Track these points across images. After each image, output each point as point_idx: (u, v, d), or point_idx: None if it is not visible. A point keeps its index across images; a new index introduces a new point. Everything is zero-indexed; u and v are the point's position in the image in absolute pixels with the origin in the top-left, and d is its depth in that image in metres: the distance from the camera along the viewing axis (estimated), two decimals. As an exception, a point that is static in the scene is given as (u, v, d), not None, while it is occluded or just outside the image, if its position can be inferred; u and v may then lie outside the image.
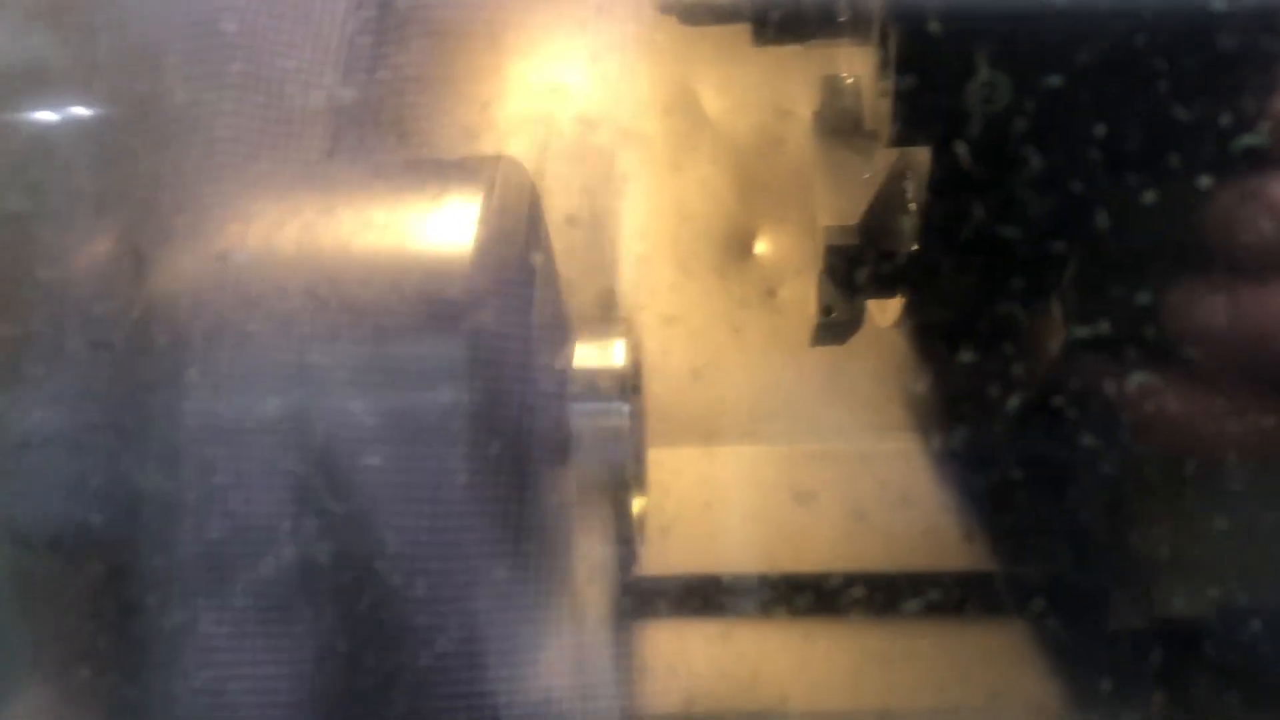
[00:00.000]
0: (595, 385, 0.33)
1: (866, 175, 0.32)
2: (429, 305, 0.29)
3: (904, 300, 0.33)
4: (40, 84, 0.38)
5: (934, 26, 0.25)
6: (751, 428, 0.41)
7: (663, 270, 0.43)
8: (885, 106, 0.27)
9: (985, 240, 0.28)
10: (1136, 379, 0.29)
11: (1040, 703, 0.36)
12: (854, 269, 0.31)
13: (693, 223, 0.44)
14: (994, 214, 0.27)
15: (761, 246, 0.45)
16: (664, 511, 0.39)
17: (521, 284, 0.31)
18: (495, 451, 0.29)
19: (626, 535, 0.35)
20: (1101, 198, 0.26)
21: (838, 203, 0.32)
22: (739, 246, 0.44)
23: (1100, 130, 0.25)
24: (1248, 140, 0.25)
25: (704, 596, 0.37)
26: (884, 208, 0.31)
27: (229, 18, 0.39)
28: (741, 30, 0.37)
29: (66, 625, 0.34)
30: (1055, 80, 0.25)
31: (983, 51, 0.25)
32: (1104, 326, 0.29)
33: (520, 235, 0.31)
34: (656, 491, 0.39)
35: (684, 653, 0.38)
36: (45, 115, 0.39)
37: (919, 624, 0.37)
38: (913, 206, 0.30)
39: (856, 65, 0.37)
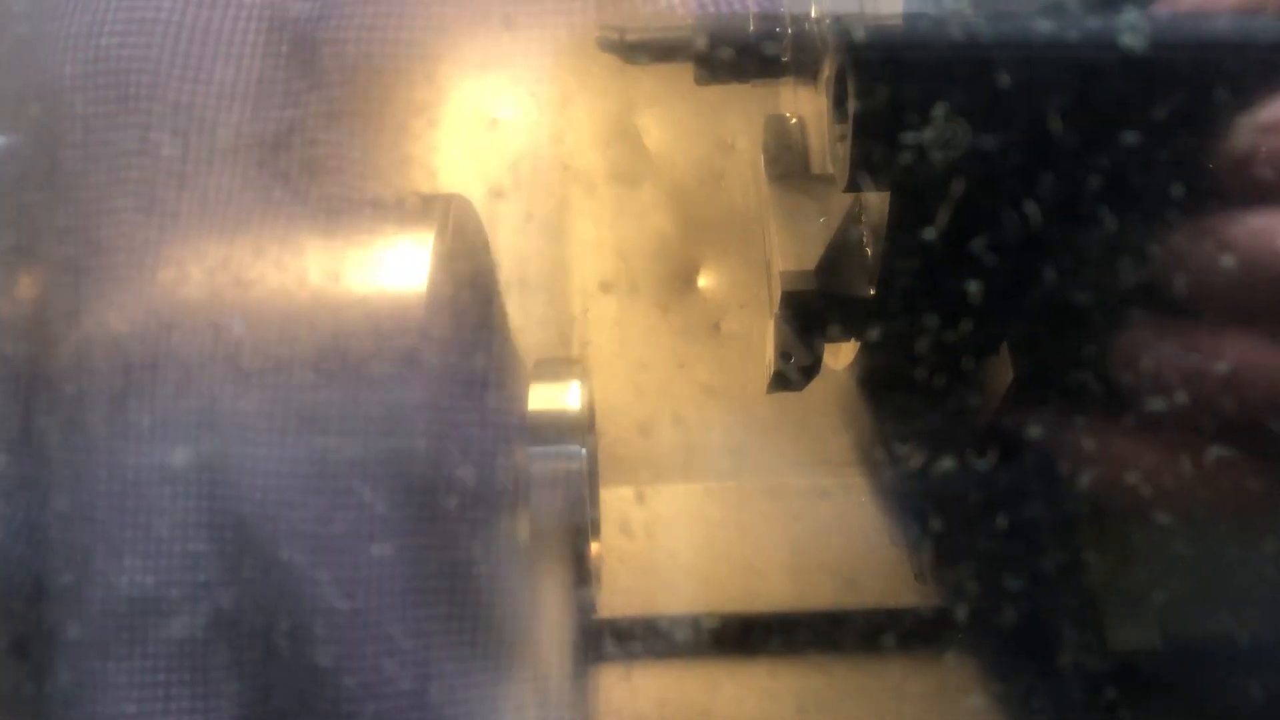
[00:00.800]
0: (551, 428, 0.33)
1: (821, 219, 0.32)
2: (379, 350, 0.28)
3: (859, 344, 0.33)
4: None
5: (891, 73, 0.25)
6: (697, 464, 0.41)
7: (607, 305, 0.43)
8: (841, 150, 0.27)
9: (942, 285, 0.28)
10: (1083, 421, 0.30)
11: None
12: (811, 314, 0.31)
13: (636, 258, 0.44)
14: (952, 258, 0.27)
15: (705, 280, 0.45)
16: (610, 552, 0.38)
17: (473, 326, 0.31)
18: (446, 497, 0.28)
19: (583, 578, 0.34)
20: (1056, 243, 0.27)
21: (792, 246, 0.31)
22: (682, 280, 0.44)
23: (1053, 175, 0.26)
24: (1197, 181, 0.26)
25: (651, 637, 0.37)
26: (840, 252, 0.31)
27: (133, 52, 0.38)
28: (683, 68, 0.37)
29: None
30: (1014, 126, 0.25)
31: (941, 98, 0.25)
32: (1051, 370, 0.30)
33: (470, 276, 0.31)
34: (611, 531, 0.39)
35: (633, 694, 0.37)
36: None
37: (867, 661, 0.37)
38: (869, 251, 0.30)
39: (802, 105, 0.37)
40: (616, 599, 0.38)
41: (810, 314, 0.31)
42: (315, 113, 0.41)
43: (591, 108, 0.45)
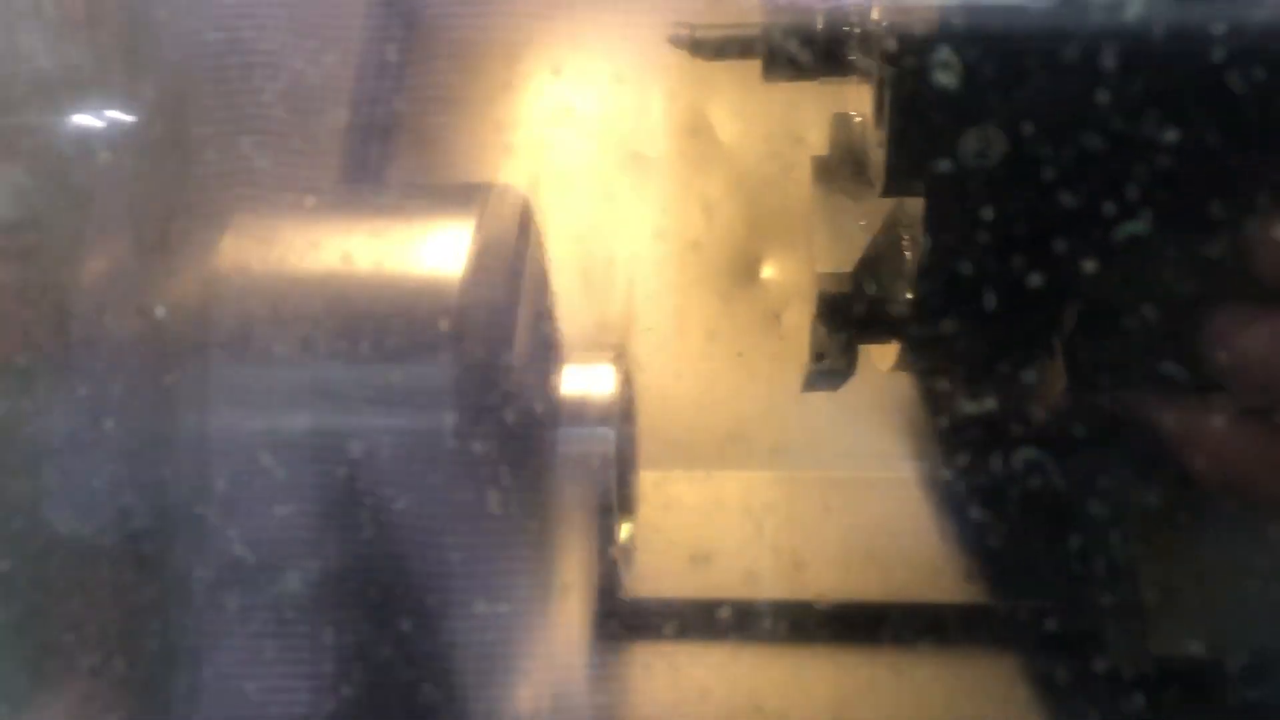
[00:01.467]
0: (582, 411, 0.34)
1: (863, 222, 0.32)
2: (417, 329, 0.29)
3: (900, 346, 0.33)
4: (75, 92, 0.39)
5: (930, 79, 0.25)
6: (751, 452, 0.41)
7: (669, 293, 0.43)
8: (879, 156, 0.27)
9: (980, 290, 0.28)
10: (1138, 422, 0.30)
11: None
12: (847, 316, 0.31)
13: (701, 247, 0.45)
14: (989, 265, 0.27)
15: (768, 271, 0.45)
16: (662, 535, 0.39)
17: (509, 309, 0.31)
18: (481, 472, 0.29)
19: (610, 557, 0.35)
20: (1100, 247, 0.27)
21: (834, 248, 0.32)
22: (746, 271, 0.45)
23: (1094, 178, 0.26)
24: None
25: (695, 621, 0.37)
26: (880, 255, 0.31)
27: (254, 32, 0.39)
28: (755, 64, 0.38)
29: (98, 625, 0.34)
30: (1051, 130, 0.25)
31: (978, 105, 0.25)
32: (1105, 374, 0.30)
33: (508, 262, 0.32)
34: (658, 514, 0.40)
35: (675, 676, 0.38)
36: (81, 122, 0.39)
37: (911, 654, 0.37)
38: (909, 255, 0.30)
39: (865, 105, 0.37)
40: (663, 582, 0.39)
41: (846, 316, 0.31)
42: (424, 96, 0.43)
43: (666, 98, 0.46)
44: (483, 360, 0.30)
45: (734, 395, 0.42)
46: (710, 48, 0.38)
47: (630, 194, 0.44)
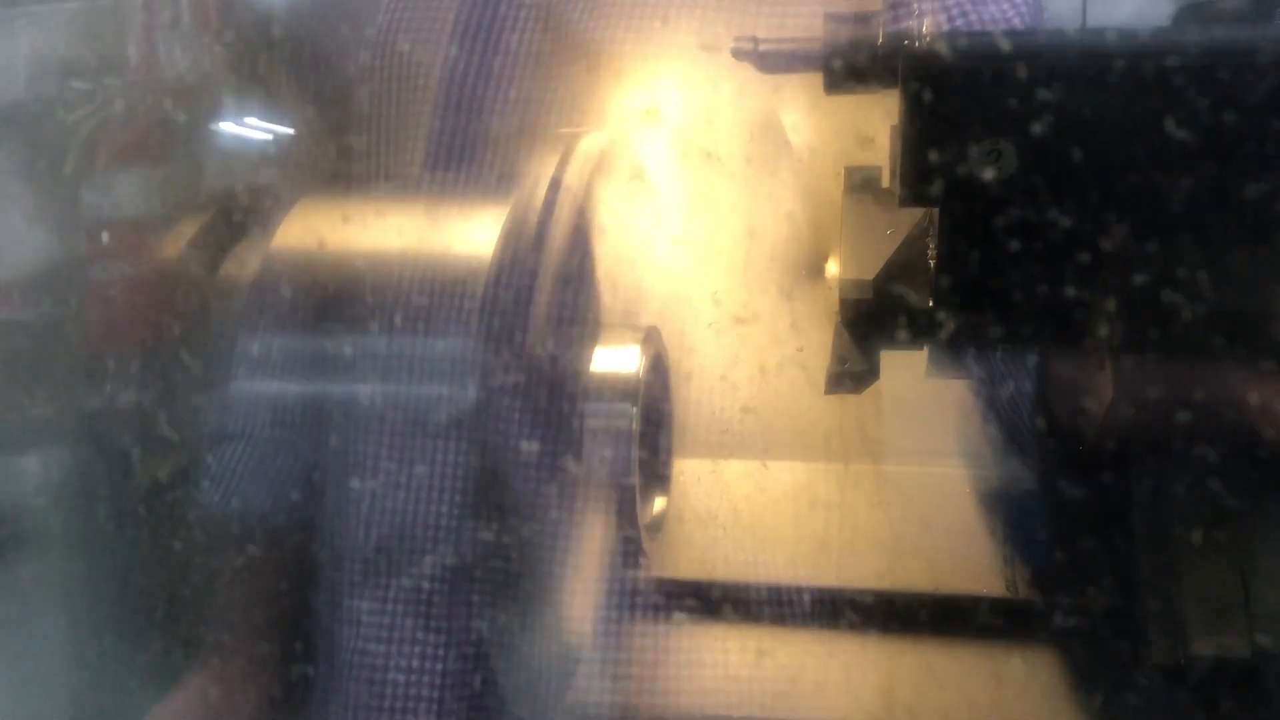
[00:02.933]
0: (607, 388, 0.35)
1: (890, 231, 0.32)
2: (447, 305, 0.31)
3: (928, 353, 0.33)
4: (210, 98, 0.42)
5: (936, 94, 0.26)
6: (806, 444, 0.42)
7: (734, 288, 0.44)
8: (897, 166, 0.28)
9: (996, 298, 0.28)
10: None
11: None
12: (868, 323, 0.32)
13: (766, 243, 0.46)
14: (1005, 273, 0.28)
15: (832, 269, 0.46)
16: (715, 519, 0.40)
17: (541, 292, 0.33)
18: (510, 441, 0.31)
19: (631, 532, 0.36)
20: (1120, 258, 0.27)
21: (859, 255, 0.32)
22: (810, 268, 0.46)
23: (1112, 189, 0.26)
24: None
25: (747, 602, 0.38)
26: (901, 264, 0.31)
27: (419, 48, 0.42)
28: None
29: (250, 605, 0.37)
30: (1061, 145, 0.26)
31: (987, 118, 0.26)
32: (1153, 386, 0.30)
33: (542, 248, 0.33)
34: (712, 500, 0.41)
35: (725, 654, 0.39)
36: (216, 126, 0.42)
37: (952, 645, 0.38)
38: (932, 264, 0.31)
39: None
40: (718, 565, 0.40)
41: (867, 322, 0.32)
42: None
43: (739, 99, 0.47)
44: (506, 337, 0.31)
45: (793, 389, 0.43)
46: (773, 61, 0.39)
47: (699, 191, 0.45)
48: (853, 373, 0.33)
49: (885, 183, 0.36)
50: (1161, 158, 0.26)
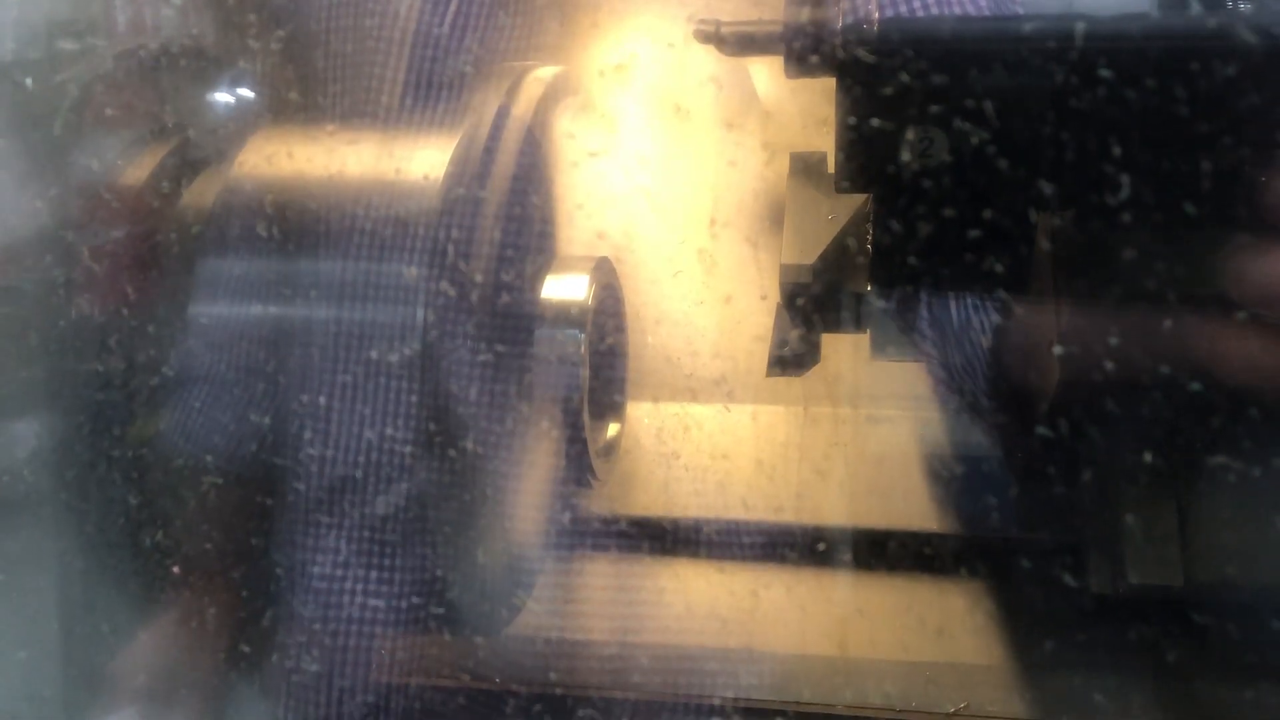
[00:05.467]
0: (558, 314, 0.36)
1: (831, 216, 0.33)
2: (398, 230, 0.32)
3: (870, 337, 0.34)
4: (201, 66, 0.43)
5: (868, 81, 0.27)
6: (767, 388, 0.43)
7: (699, 235, 0.45)
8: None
9: (931, 284, 0.29)
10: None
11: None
12: (809, 307, 0.32)
13: (734, 195, 0.47)
14: (935, 258, 0.29)
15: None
16: (678, 459, 0.42)
17: (486, 219, 0.34)
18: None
19: (579, 454, 0.37)
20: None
21: (800, 240, 0.33)
22: (774, 220, 0.47)
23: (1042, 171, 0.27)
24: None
25: (700, 538, 0.40)
26: (842, 250, 0.32)
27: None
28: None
29: (214, 542, 0.38)
30: (994, 128, 0.27)
31: (918, 105, 0.27)
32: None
33: (488, 176, 0.34)
34: (675, 441, 0.42)
35: (681, 588, 0.40)
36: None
37: (894, 580, 0.39)
38: (869, 250, 0.31)
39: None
40: (680, 502, 0.41)
41: (807, 306, 0.32)
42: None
43: (711, 54, 0.48)
44: (453, 264, 0.32)
45: (758, 334, 0.44)
46: (734, 43, 0.39)
47: (668, 141, 0.47)
48: (794, 355, 0.34)
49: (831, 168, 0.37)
50: (1088, 138, 0.27)
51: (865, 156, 0.28)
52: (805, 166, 0.36)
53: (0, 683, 0.41)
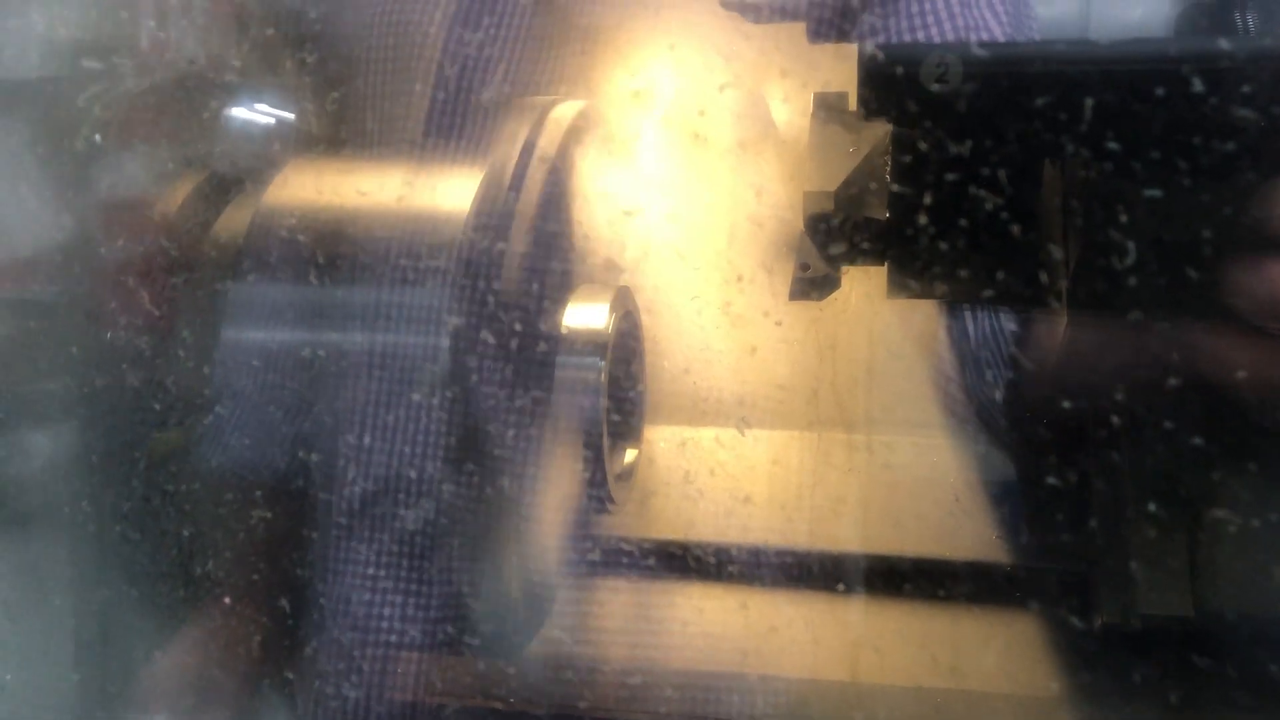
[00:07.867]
0: (579, 343, 0.37)
1: (852, 149, 0.34)
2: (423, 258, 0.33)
3: (888, 270, 0.35)
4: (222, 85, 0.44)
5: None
6: (782, 413, 0.44)
7: (716, 258, 0.46)
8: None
9: (948, 212, 0.30)
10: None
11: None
12: (830, 232, 0.33)
13: (750, 219, 0.47)
14: (953, 188, 0.29)
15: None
16: (692, 483, 0.42)
17: (514, 248, 0.35)
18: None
19: (599, 479, 0.38)
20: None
21: (822, 170, 0.34)
22: (791, 245, 0.47)
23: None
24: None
25: (715, 561, 0.40)
26: (862, 178, 0.33)
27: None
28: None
29: (244, 560, 0.39)
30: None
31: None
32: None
33: (514, 208, 0.35)
34: (689, 464, 0.43)
35: (699, 613, 0.41)
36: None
37: (919, 606, 0.39)
38: (888, 178, 0.32)
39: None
40: (694, 525, 0.42)
41: (828, 231, 0.33)
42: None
43: (729, 83, 0.48)
44: (478, 290, 0.33)
45: (773, 360, 0.44)
46: (758, 11, 0.40)
47: (686, 168, 0.47)
48: (815, 279, 0.34)
49: (852, 106, 0.37)
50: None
51: (886, 83, 0.29)
52: (826, 104, 0.37)
53: (20, 697, 0.41)
